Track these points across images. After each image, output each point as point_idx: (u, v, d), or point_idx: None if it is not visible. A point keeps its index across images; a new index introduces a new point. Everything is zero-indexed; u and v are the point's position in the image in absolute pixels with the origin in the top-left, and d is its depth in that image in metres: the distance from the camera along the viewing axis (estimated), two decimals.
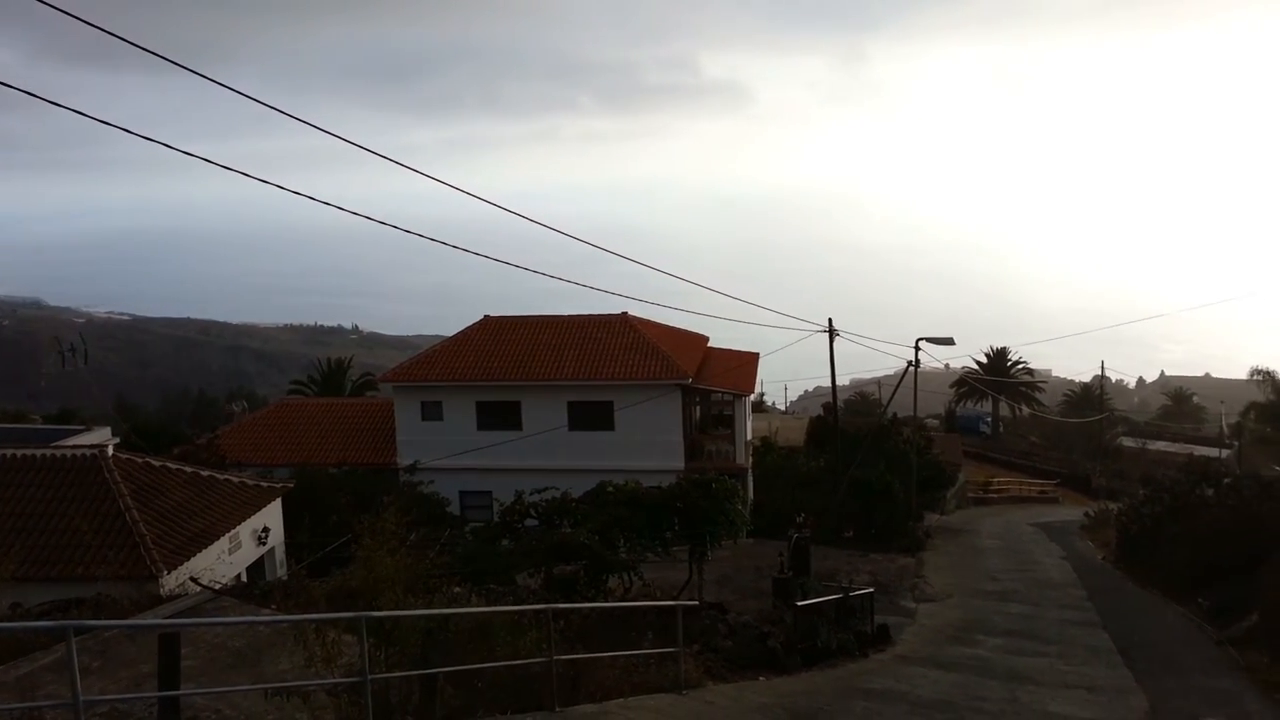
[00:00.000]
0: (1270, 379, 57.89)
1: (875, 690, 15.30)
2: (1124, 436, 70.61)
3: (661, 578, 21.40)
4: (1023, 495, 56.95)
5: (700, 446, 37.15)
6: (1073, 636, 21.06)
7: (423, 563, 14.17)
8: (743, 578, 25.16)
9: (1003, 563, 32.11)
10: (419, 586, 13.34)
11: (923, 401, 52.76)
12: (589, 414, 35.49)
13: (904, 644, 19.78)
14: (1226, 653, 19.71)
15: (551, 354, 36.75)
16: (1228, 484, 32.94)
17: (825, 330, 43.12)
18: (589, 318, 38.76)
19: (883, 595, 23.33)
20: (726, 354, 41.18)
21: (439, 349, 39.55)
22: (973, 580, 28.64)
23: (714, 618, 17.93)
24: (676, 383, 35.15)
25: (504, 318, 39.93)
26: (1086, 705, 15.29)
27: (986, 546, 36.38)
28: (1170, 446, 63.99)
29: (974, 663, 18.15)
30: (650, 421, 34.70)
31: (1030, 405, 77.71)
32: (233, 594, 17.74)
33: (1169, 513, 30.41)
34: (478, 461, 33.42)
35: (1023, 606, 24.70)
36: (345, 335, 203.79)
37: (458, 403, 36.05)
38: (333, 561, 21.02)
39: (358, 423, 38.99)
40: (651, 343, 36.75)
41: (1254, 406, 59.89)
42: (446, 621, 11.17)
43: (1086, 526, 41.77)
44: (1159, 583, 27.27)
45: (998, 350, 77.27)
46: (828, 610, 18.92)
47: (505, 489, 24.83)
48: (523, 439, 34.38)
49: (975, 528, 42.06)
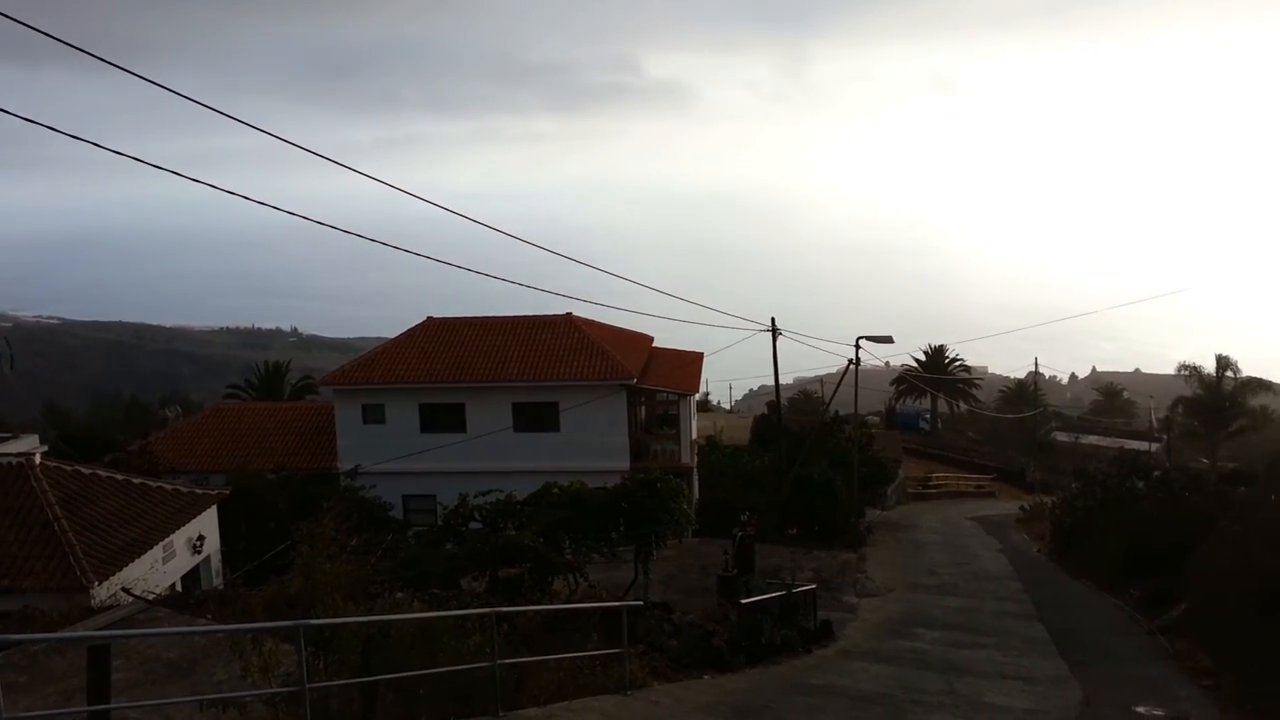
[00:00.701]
0: (1197, 374, 59.62)
1: (817, 686, 15.46)
2: (1057, 431, 72.32)
3: (607, 578, 21.40)
4: (961, 490, 58.02)
5: (645, 446, 37.20)
6: (1009, 628, 21.53)
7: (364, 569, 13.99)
8: (688, 577, 25.25)
9: (942, 557, 32.70)
10: (360, 593, 13.18)
11: (864, 399, 53.41)
12: (534, 415, 35.32)
13: (846, 639, 20.03)
14: (1157, 641, 20.31)
15: (496, 355, 36.51)
16: (1157, 477, 33.99)
17: (768, 329, 43.48)
18: (533, 318, 38.58)
19: (826, 591, 23.62)
20: (671, 354, 41.30)
21: (381, 351, 39.05)
22: (913, 574, 29.11)
23: (659, 617, 17.96)
24: (621, 383, 35.14)
25: (447, 319, 39.55)
26: (1022, 696, 15.64)
27: (926, 541, 37.03)
28: (1102, 440, 65.77)
29: (914, 656, 18.45)
30: (595, 422, 34.64)
31: (967, 402, 79.24)
32: (166, 604, 17.34)
33: (1101, 505, 31.28)
34: (421, 465, 33.06)
35: (961, 599, 25.18)
36: (284, 338, 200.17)
37: (400, 405, 35.62)
38: (271, 569, 20.65)
39: (297, 427, 38.31)
40: (596, 343, 36.70)
41: (1182, 401, 61.63)
42: (388, 627, 11.05)
43: (1022, 520, 42.74)
44: (1092, 574, 28.01)
45: (936, 348, 78.62)
46: (772, 607, 19.08)
47: (449, 492, 24.65)
48: (467, 441, 34.08)
49: (915, 523, 42.79)
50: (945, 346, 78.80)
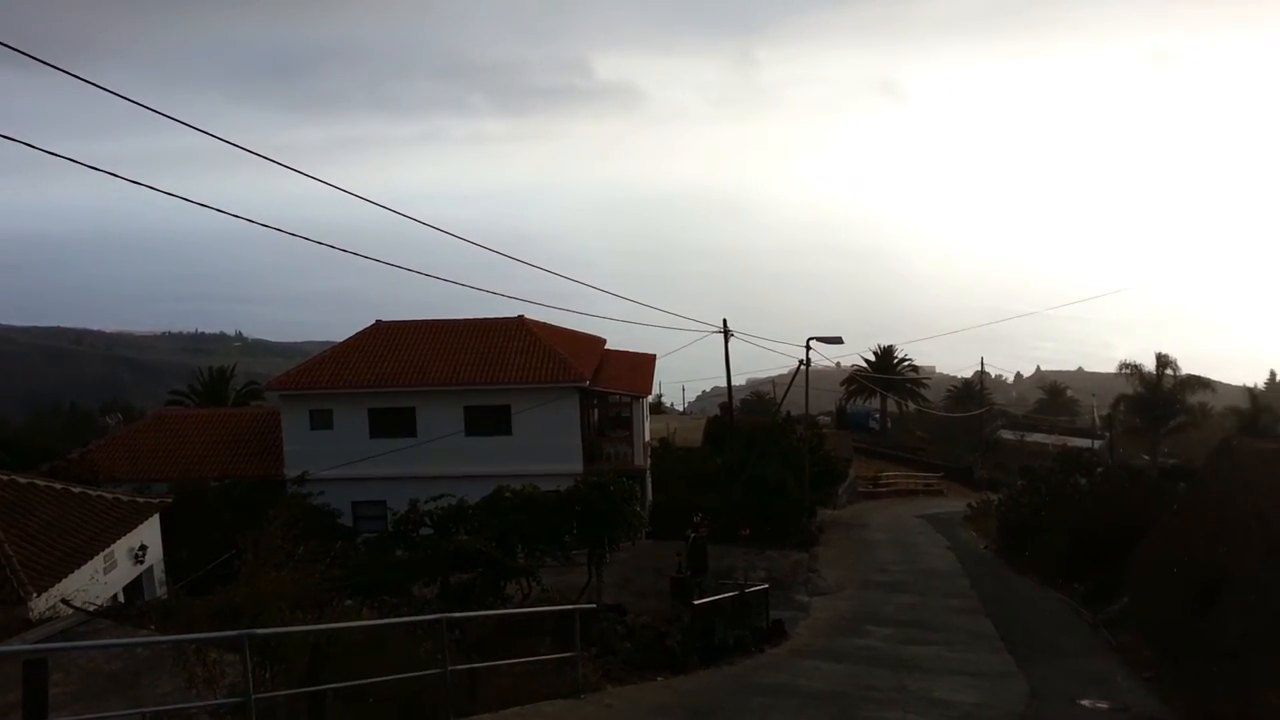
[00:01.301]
0: (1138, 372, 61.05)
1: (770, 685, 15.55)
2: (1003, 429, 73.66)
3: (561, 582, 21.35)
4: (910, 488, 58.80)
5: (599, 449, 37.16)
6: (958, 624, 21.86)
7: (311, 577, 13.78)
8: (642, 579, 25.25)
9: (892, 554, 33.11)
10: (307, 601, 12.98)
11: (815, 399, 53.91)
12: (486, 418, 35.09)
13: (798, 638, 20.19)
14: (1101, 635, 20.76)
15: (446, 358, 36.22)
16: (1100, 473, 34.81)
17: (720, 331, 43.72)
18: (485, 321, 38.33)
19: (778, 590, 23.78)
20: (624, 356, 41.32)
21: (328, 355, 38.53)
22: (864, 572, 29.43)
23: (613, 620, 17.96)
24: (574, 385, 35.07)
25: (396, 322, 39.15)
26: (970, 690, 15.87)
27: (876, 539, 37.47)
28: (1046, 438, 67.08)
29: (864, 653, 18.66)
30: (548, 425, 34.51)
31: (916, 401, 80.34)
32: (108, 615, 16.91)
33: (1046, 502, 31.92)
34: (371, 470, 32.68)
35: (911, 596, 25.51)
36: (228, 343, 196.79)
37: (349, 410, 35.16)
38: (215, 579, 20.23)
39: (242, 434, 37.64)
40: (548, 346, 36.59)
41: (1123, 399, 63.04)
42: (336, 636, 10.88)
43: (969, 517, 43.43)
44: (1037, 569, 28.56)
45: (885, 349, 79.60)
46: (725, 608, 19.17)
47: (400, 498, 24.39)
48: (418, 446, 33.75)
49: (865, 521, 43.28)
50: (894, 347, 79.86)
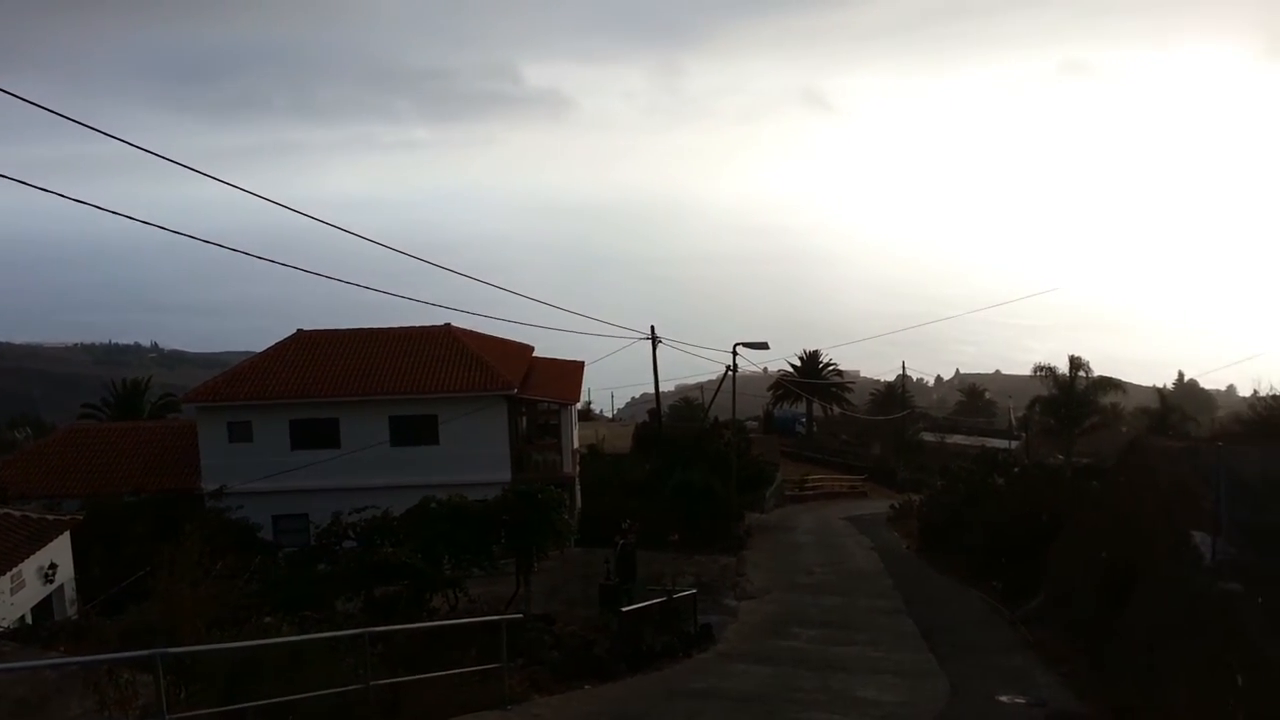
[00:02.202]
0: (1052, 374, 62.92)
1: (697, 689, 15.67)
2: (925, 431, 75.22)
3: (489, 592, 21.18)
4: (835, 491, 59.67)
5: (527, 457, 36.97)
6: (881, 624, 22.29)
7: (229, 593, 13.46)
8: (571, 587, 25.19)
9: (818, 556, 33.59)
10: (225, 618, 12.68)
11: (742, 404, 54.50)
12: (412, 428, 34.62)
13: (726, 641, 20.34)
14: (1018, 631, 21.36)
15: (371, 368, 35.65)
16: (1016, 473, 35.78)
17: (648, 337, 43.94)
18: (410, 330, 37.84)
19: (706, 595, 23.93)
20: (552, 363, 41.18)
21: (248, 366, 37.62)
22: (790, 575, 29.79)
23: (540, 629, 17.88)
24: (502, 394, 34.84)
25: (319, 331, 38.39)
26: (893, 689, 16.21)
27: (803, 542, 37.96)
28: (966, 439, 68.75)
29: (791, 655, 18.91)
30: (476, 434, 34.21)
31: (841, 405, 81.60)
32: (15, 637, 16.27)
33: (964, 502, 32.70)
34: (292, 483, 31.97)
35: (836, 598, 25.91)
36: (144, 353, 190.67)
37: (269, 422, 34.35)
38: (129, 597, 19.59)
39: (157, 447, 36.49)
40: (475, 354, 36.28)
41: (1038, 400, 64.87)
42: (254, 654, 10.64)
43: (892, 518, 44.28)
44: (957, 568, 29.26)
45: (810, 353, 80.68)
46: (653, 614, 19.23)
47: (323, 511, 23.94)
48: (341, 457, 33.16)
49: (792, 524, 43.81)
50: (820, 352, 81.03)
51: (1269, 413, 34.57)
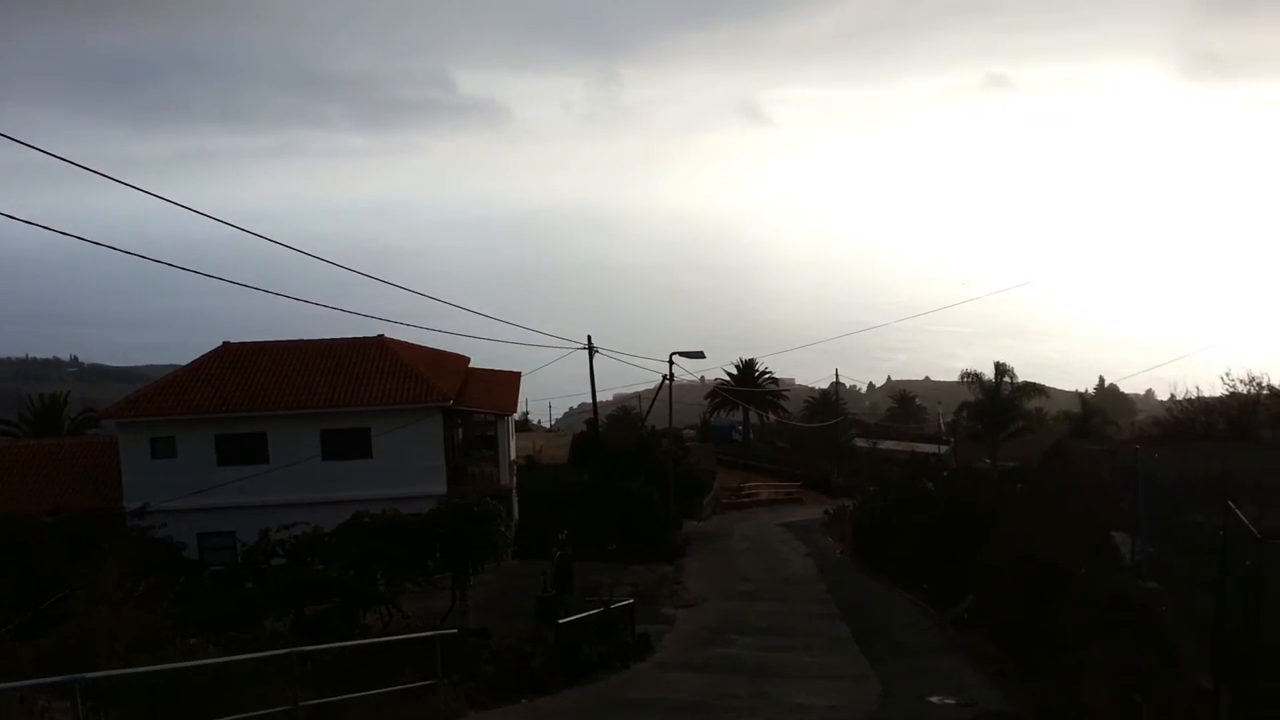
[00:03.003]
0: (979, 380, 64.39)
1: (634, 699, 15.67)
2: (858, 438, 76.36)
3: (424, 608, 20.89)
4: (771, 498, 60.17)
5: (463, 469, 36.63)
6: (816, 629, 22.55)
7: (151, 615, 13.09)
8: (508, 600, 24.98)
9: (754, 563, 33.85)
10: (146, 641, 12.31)
11: (680, 413, 54.72)
12: (344, 442, 34.04)
13: (664, 651, 20.38)
14: (948, 633, 21.79)
15: (300, 380, 34.98)
16: (946, 477, 36.55)
17: (585, 347, 43.91)
18: (342, 341, 37.26)
19: (644, 604, 23.92)
20: (488, 374, 40.88)
21: (171, 379, 36.69)
22: (727, 582, 29.97)
23: (476, 644, 17.69)
24: (437, 405, 34.47)
25: (246, 343, 37.57)
26: (827, 693, 16.41)
27: (739, 549, 38.21)
28: (897, 445, 69.85)
29: (727, 662, 19.02)
30: (410, 446, 33.78)
31: (776, 413, 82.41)
32: None
33: (895, 506, 33.28)
34: (219, 500, 31.26)
35: (772, 604, 26.15)
36: (62, 368, 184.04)
37: (193, 437, 33.50)
38: (45, 621, 18.87)
39: (76, 465, 35.29)
40: (410, 365, 35.85)
41: (966, 405, 66.37)
42: (177, 676, 10.35)
43: (826, 524, 44.83)
44: (889, 572, 29.75)
45: (747, 362, 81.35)
46: (590, 625, 19.17)
47: (251, 528, 23.41)
48: (270, 473, 32.46)
49: (729, 532, 44.07)
50: (755, 360, 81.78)
51: (1185, 416, 35.81)
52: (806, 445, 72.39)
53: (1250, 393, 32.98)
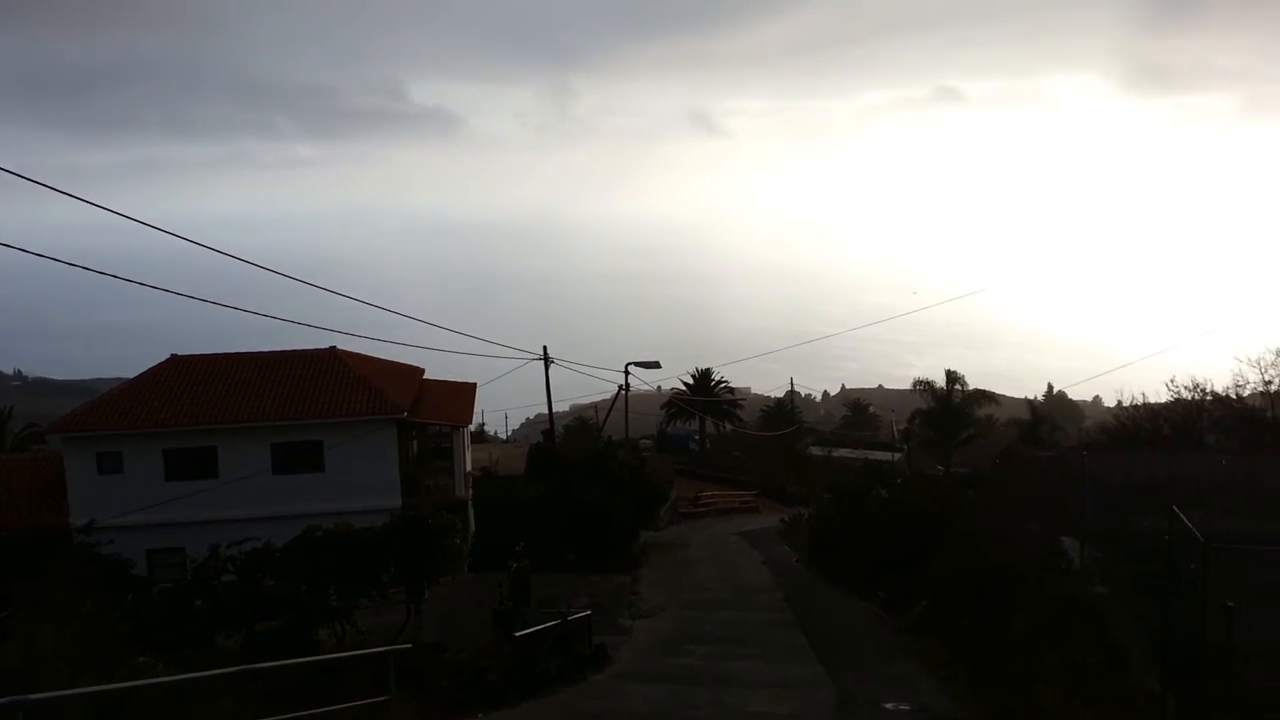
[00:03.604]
0: (930, 388, 65.43)
1: (591, 712, 15.63)
2: (813, 446, 76.95)
3: (380, 622, 20.68)
4: (728, 507, 60.40)
5: (418, 482, 36.27)
6: (772, 638, 22.63)
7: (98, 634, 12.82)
8: (464, 613, 24.77)
9: (711, 572, 33.93)
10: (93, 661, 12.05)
11: (637, 423, 54.73)
12: (295, 455, 33.56)
13: (621, 662, 20.33)
14: (903, 639, 22.00)
15: (251, 393, 34.43)
16: (899, 484, 36.95)
17: (541, 358, 43.78)
18: (293, 353, 36.80)
19: (602, 615, 23.87)
20: (443, 385, 40.62)
21: (118, 393, 35.91)
22: (685, 592, 30.00)
23: (431, 658, 17.53)
24: (391, 417, 34.13)
25: (195, 356, 36.95)
26: (783, 702, 16.49)
27: (697, 558, 38.29)
28: (852, 453, 70.60)
29: (685, 672, 19.03)
30: (363, 459, 33.41)
31: (732, 422, 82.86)
32: None
33: (850, 514, 33.57)
34: (167, 515, 30.65)
35: (729, 613, 26.20)
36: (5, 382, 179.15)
37: (141, 452, 32.82)
38: None
39: (19, 481, 34.40)
40: (363, 377, 35.46)
41: (918, 413, 67.38)
42: (125, 697, 10.13)
43: (782, 532, 45.11)
44: (845, 579, 29.98)
45: (703, 372, 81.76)
46: (547, 637, 19.09)
47: (200, 544, 23.01)
48: (220, 487, 31.91)
49: (686, 541, 44.15)
50: (711, 370, 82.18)
51: (1131, 422, 36.65)
52: (763, 454, 72.79)
53: (1194, 399, 33.84)
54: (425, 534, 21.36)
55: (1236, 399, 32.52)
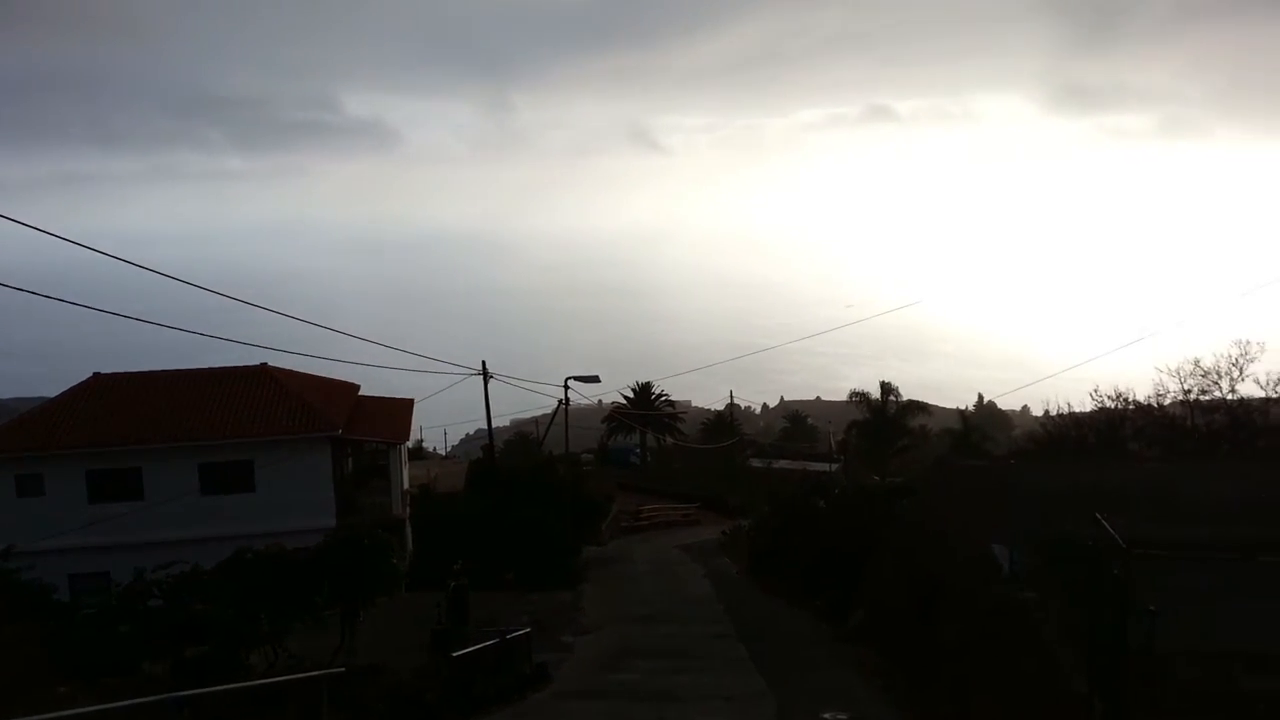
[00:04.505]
0: (866, 399, 66.40)
1: None
2: (753, 458, 77.45)
3: (314, 646, 20.21)
4: (670, 520, 60.43)
5: (353, 501, 35.69)
6: (714, 650, 22.68)
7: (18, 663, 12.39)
8: (402, 635, 24.38)
9: (652, 587, 33.92)
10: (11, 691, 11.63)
11: (577, 437, 54.55)
12: (225, 476, 32.83)
13: (562, 680, 20.19)
14: (840, 649, 22.22)
15: (178, 412, 33.59)
16: (837, 494, 37.37)
17: (480, 373, 43.44)
18: (223, 370, 36.05)
19: (543, 633, 23.73)
20: (379, 402, 40.08)
21: (38, 413, 34.77)
22: (627, 606, 29.94)
23: (366, 681, 17.21)
24: (324, 435, 33.55)
25: (119, 374, 35.97)
26: (723, 715, 16.54)
27: (638, 572, 38.24)
28: (791, 464, 71.17)
29: (626, 689, 18.96)
30: (296, 478, 32.77)
31: (673, 435, 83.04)
32: None
33: (789, 524, 33.86)
34: (91, 539, 29.75)
35: (671, 627, 26.21)
36: None
37: (62, 474, 31.80)
38: None
39: None
40: (295, 394, 34.83)
41: (855, 424, 68.30)
42: None
43: (723, 544, 45.28)
44: (784, 590, 30.20)
45: (643, 385, 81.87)
46: (486, 657, 18.89)
47: (126, 568, 22.32)
48: (146, 510, 31.03)
49: (629, 555, 44.08)
50: (651, 383, 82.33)
51: (1058, 431, 37.59)
52: (704, 467, 73.12)
53: (1117, 408, 34.86)
54: (360, 554, 21.00)
55: (1158, 408, 33.56)
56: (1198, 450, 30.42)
